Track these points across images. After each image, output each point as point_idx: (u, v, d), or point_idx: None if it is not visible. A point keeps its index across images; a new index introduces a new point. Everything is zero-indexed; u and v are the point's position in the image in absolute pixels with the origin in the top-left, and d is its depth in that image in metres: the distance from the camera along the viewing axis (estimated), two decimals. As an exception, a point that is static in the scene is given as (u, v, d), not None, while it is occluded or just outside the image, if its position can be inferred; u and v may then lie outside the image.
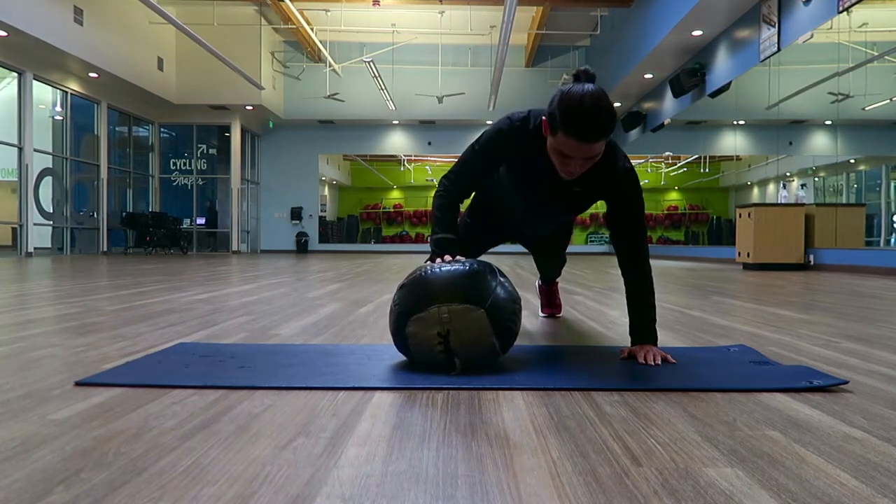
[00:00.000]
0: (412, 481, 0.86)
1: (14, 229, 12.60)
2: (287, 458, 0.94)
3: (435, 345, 1.50)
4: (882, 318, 2.80)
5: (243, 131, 16.91)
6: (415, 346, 1.54)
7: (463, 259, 1.61)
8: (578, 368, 1.61)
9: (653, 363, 1.61)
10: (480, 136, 1.80)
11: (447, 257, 1.66)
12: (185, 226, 16.59)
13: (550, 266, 2.59)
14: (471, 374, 1.48)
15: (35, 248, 11.71)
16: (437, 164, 24.40)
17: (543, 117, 1.58)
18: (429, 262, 1.66)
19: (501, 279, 1.59)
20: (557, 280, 2.75)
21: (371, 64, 14.12)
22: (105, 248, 14.14)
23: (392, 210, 25.12)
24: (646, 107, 14.28)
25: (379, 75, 14.64)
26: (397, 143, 18.72)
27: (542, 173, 1.74)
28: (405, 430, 1.08)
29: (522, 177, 1.84)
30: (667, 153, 20.49)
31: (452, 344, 1.49)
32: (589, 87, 1.51)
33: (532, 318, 2.66)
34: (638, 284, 1.74)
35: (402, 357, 1.71)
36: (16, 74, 11.36)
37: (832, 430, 1.09)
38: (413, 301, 1.53)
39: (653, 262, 10.74)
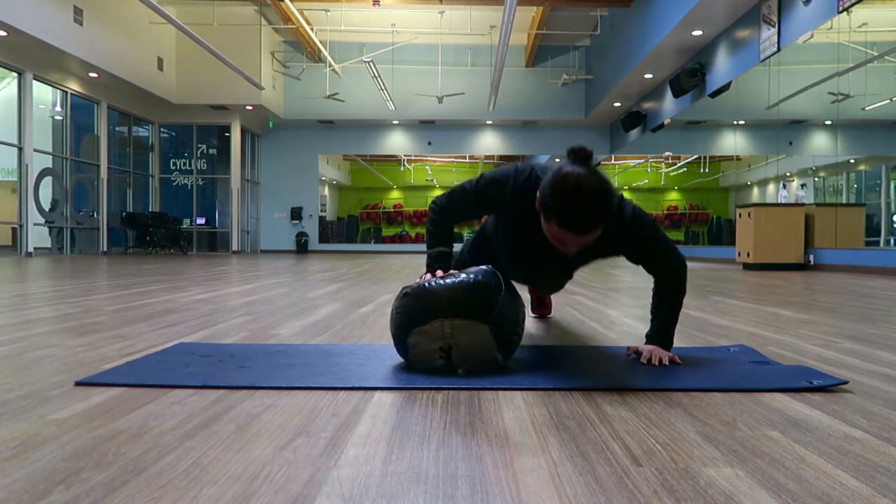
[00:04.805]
0: (412, 481, 0.86)
1: (14, 229, 12.59)
2: (287, 458, 0.94)
3: (436, 358, 1.50)
4: (882, 318, 2.79)
5: (243, 131, 16.90)
6: (415, 355, 1.54)
7: (466, 271, 1.57)
8: (578, 368, 1.61)
9: (656, 363, 1.61)
10: (480, 178, 1.70)
11: (439, 272, 1.65)
12: (185, 226, 16.58)
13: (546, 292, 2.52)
14: (471, 374, 1.48)
15: (35, 248, 11.70)
16: (437, 164, 24.42)
17: (539, 193, 1.47)
18: (428, 275, 1.65)
19: (506, 289, 1.57)
20: None
21: (371, 64, 14.11)
22: (105, 249, 14.13)
23: (392, 210, 25.13)
24: (646, 107, 14.27)
25: (379, 75, 14.63)
26: (397, 142, 18.71)
27: (537, 237, 1.59)
28: (405, 430, 1.08)
29: (517, 235, 1.75)
30: (667, 153, 20.48)
31: (454, 358, 1.49)
32: (582, 173, 1.41)
33: (532, 319, 2.65)
34: (665, 294, 1.71)
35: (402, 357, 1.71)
36: (16, 74, 11.35)
37: (832, 430, 1.09)
38: (416, 312, 1.52)
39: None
